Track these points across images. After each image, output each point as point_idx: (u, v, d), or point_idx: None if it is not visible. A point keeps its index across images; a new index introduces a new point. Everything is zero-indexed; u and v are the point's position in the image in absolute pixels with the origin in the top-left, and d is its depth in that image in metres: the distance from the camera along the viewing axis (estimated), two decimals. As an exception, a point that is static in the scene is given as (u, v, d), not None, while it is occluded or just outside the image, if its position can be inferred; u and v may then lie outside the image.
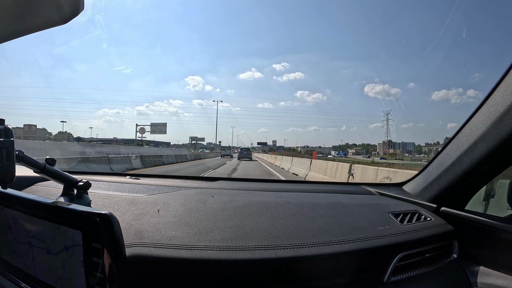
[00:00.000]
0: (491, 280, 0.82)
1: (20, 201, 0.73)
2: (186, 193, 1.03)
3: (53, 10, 0.53)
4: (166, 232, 0.74)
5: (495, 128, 0.77)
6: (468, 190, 0.94)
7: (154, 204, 0.90)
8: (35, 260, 0.70)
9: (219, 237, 0.73)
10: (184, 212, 0.85)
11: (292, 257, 0.70)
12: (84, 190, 0.85)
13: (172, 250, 0.68)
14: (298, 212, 0.90)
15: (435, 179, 1.01)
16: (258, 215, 0.86)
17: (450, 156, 0.94)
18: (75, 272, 0.62)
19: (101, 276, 0.58)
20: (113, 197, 0.97)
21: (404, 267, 0.81)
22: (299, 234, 0.77)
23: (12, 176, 0.58)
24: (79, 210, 0.63)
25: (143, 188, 1.09)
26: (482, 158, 0.82)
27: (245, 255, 0.68)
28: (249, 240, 0.73)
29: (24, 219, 0.72)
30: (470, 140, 0.85)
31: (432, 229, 0.90)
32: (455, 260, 0.91)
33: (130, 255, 0.65)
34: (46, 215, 0.67)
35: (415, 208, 1.03)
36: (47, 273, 0.68)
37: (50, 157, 0.79)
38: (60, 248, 0.64)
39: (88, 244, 0.60)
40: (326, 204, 0.99)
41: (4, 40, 0.66)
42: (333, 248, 0.74)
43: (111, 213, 0.59)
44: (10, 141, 0.58)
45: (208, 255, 0.67)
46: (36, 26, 0.59)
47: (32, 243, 0.70)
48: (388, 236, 0.82)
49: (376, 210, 0.98)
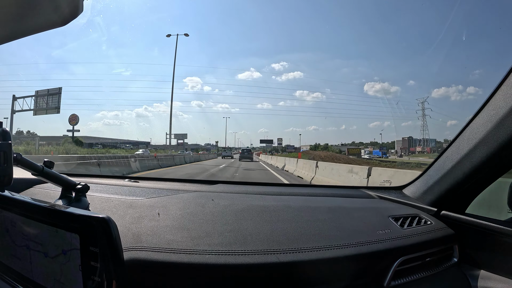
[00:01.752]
0: (492, 284, 0.81)
1: (18, 204, 0.72)
2: (185, 197, 1.03)
3: (52, 11, 0.53)
4: (164, 236, 0.74)
5: (496, 131, 0.77)
6: (468, 193, 0.94)
7: (153, 208, 0.89)
8: (32, 263, 0.69)
9: (218, 241, 0.73)
10: (183, 216, 0.85)
11: (292, 261, 0.69)
12: (82, 193, 0.84)
13: (170, 254, 0.67)
14: (297, 216, 0.89)
15: (435, 182, 1.01)
16: (257, 219, 0.85)
17: (451, 160, 0.93)
18: (73, 276, 0.61)
19: (98, 281, 0.57)
20: (112, 200, 0.96)
21: (405, 271, 0.81)
22: (298, 238, 0.76)
23: (10, 179, 0.58)
24: (76, 213, 0.63)
25: (142, 191, 1.08)
26: (482, 161, 0.82)
27: (244, 260, 0.68)
28: (248, 245, 0.72)
29: (22, 222, 0.71)
30: (471, 143, 0.85)
31: (433, 233, 0.90)
32: (455, 264, 0.90)
33: (128, 259, 0.64)
34: (44, 218, 0.67)
35: (415, 211, 1.02)
36: (44, 276, 0.67)
37: (48, 160, 0.79)
38: (58, 251, 0.64)
39: (86, 248, 0.59)
40: (326, 208, 0.98)
41: (3, 41, 0.66)
42: (333, 252, 0.74)
43: (108, 217, 0.59)
44: (8, 143, 0.58)
45: (206, 260, 0.66)
46: (35, 28, 0.59)
47: (29, 246, 0.69)
48: (388, 240, 0.82)
49: (376, 214, 0.98)
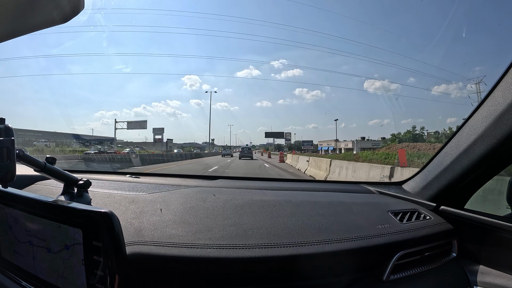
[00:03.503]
0: (490, 279, 0.82)
1: (21, 200, 0.73)
2: (186, 192, 1.04)
3: (53, 8, 0.53)
4: (166, 231, 0.74)
5: (494, 127, 0.77)
6: (467, 189, 0.94)
7: (155, 203, 0.90)
8: (35, 258, 0.70)
9: (219, 235, 0.74)
10: (184, 211, 0.86)
11: (292, 255, 0.70)
12: (84, 188, 0.85)
13: (172, 248, 0.68)
14: (298, 211, 0.90)
15: (434, 178, 1.01)
16: (258, 214, 0.86)
17: (450, 155, 0.94)
18: (76, 271, 0.62)
19: (101, 275, 0.58)
20: (114, 196, 0.97)
21: (404, 265, 0.81)
22: (299, 233, 0.77)
23: (13, 175, 0.58)
24: (79, 208, 0.64)
25: (144, 186, 1.09)
26: (481, 157, 0.82)
27: (245, 253, 0.69)
28: (249, 239, 0.73)
29: (25, 218, 0.72)
30: (470, 139, 0.85)
31: (432, 228, 0.91)
32: (454, 259, 0.91)
33: (130, 253, 0.65)
34: (47, 213, 0.67)
35: (414, 207, 1.03)
36: (47, 271, 0.68)
37: (50, 156, 0.80)
38: (61, 247, 0.65)
39: (89, 242, 0.60)
40: (325, 203, 0.99)
41: (3, 39, 0.66)
42: (333, 246, 0.74)
43: (111, 212, 0.59)
44: (11, 140, 0.59)
45: (208, 253, 0.67)
46: (36, 25, 0.59)
47: (32, 242, 0.70)
48: (388, 235, 0.82)
49: (376, 209, 0.99)
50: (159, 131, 34.16)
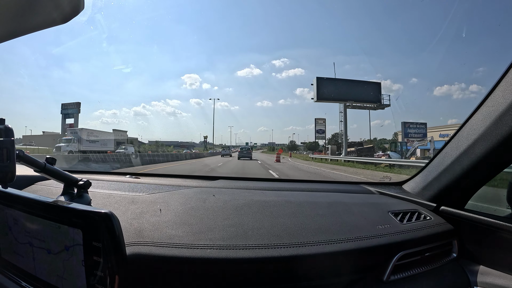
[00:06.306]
0: (491, 279, 0.82)
1: (21, 201, 0.73)
2: (186, 192, 1.04)
3: (53, 9, 0.53)
4: (166, 231, 0.74)
5: (495, 127, 0.77)
6: (468, 189, 0.94)
7: (155, 203, 0.90)
8: (35, 259, 0.70)
9: (219, 236, 0.73)
10: (184, 211, 0.86)
11: (292, 256, 0.70)
12: (84, 189, 0.85)
13: (172, 249, 0.68)
14: (298, 211, 0.90)
15: (435, 178, 1.01)
16: (258, 214, 0.86)
17: (450, 155, 0.94)
18: (76, 272, 0.62)
19: (101, 275, 0.58)
20: (114, 196, 0.97)
21: (404, 266, 0.81)
22: (299, 233, 0.77)
23: (13, 176, 0.58)
24: (79, 209, 0.63)
25: (144, 187, 1.09)
26: (482, 157, 0.82)
27: (245, 254, 0.68)
28: (249, 239, 0.73)
29: (25, 219, 0.72)
30: (470, 139, 0.85)
31: (432, 228, 0.91)
32: (454, 259, 0.91)
33: (131, 254, 0.65)
34: (47, 214, 0.67)
35: (414, 207, 1.03)
36: (47, 272, 0.68)
37: (50, 156, 0.80)
38: (61, 248, 0.64)
39: (89, 243, 0.60)
40: (326, 203, 0.99)
41: (4, 39, 0.66)
42: (333, 247, 0.74)
43: (111, 212, 0.59)
44: (11, 140, 0.58)
45: (208, 254, 0.67)
46: (36, 25, 0.59)
47: (32, 243, 0.70)
48: (388, 235, 0.82)
49: (376, 209, 0.99)
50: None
